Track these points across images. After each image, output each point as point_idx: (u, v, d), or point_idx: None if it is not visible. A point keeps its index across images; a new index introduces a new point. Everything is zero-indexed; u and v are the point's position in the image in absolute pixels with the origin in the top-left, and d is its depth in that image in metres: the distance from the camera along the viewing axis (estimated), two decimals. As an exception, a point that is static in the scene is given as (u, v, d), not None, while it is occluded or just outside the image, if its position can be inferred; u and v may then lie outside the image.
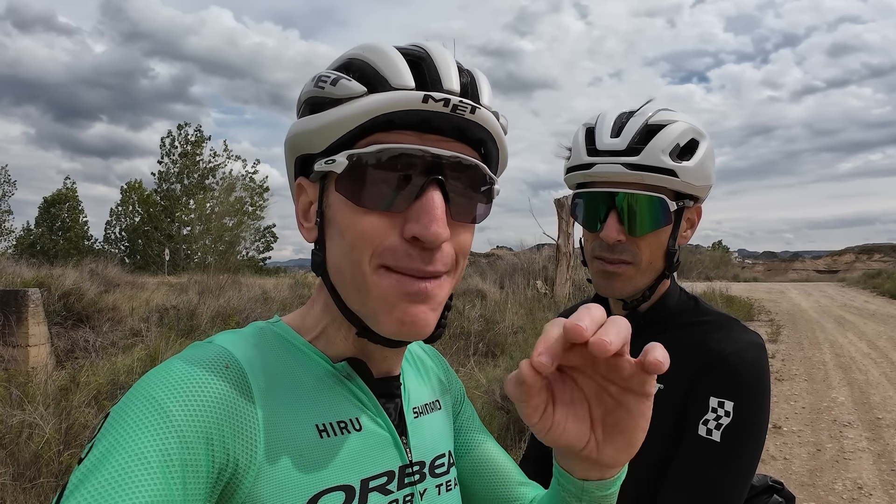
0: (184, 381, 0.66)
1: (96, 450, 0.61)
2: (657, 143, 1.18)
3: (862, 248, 70.17)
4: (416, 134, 0.71)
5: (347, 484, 0.74)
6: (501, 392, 6.09)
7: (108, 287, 11.68)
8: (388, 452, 0.81)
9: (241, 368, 0.72)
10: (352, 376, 0.81)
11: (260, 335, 0.80)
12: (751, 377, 1.13)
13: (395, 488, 0.80)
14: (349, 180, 0.72)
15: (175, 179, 38.72)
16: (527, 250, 17.72)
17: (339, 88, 0.72)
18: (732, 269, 54.33)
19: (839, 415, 7.42)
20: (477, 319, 10.40)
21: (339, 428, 0.76)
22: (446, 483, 0.90)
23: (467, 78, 0.74)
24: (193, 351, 0.73)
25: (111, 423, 0.64)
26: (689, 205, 1.25)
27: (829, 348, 12.38)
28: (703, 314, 1.27)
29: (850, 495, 4.97)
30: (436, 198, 0.70)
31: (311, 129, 0.74)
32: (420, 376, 0.97)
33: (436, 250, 0.72)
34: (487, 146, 0.77)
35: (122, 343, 8.07)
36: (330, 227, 0.76)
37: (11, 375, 5.63)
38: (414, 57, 0.73)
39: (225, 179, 38.10)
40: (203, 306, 9.59)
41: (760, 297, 25.19)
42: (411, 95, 0.69)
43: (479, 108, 0.72)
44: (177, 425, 0.63)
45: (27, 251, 27.86)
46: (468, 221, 0.76)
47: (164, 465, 0.60)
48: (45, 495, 4.07)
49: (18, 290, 7.61)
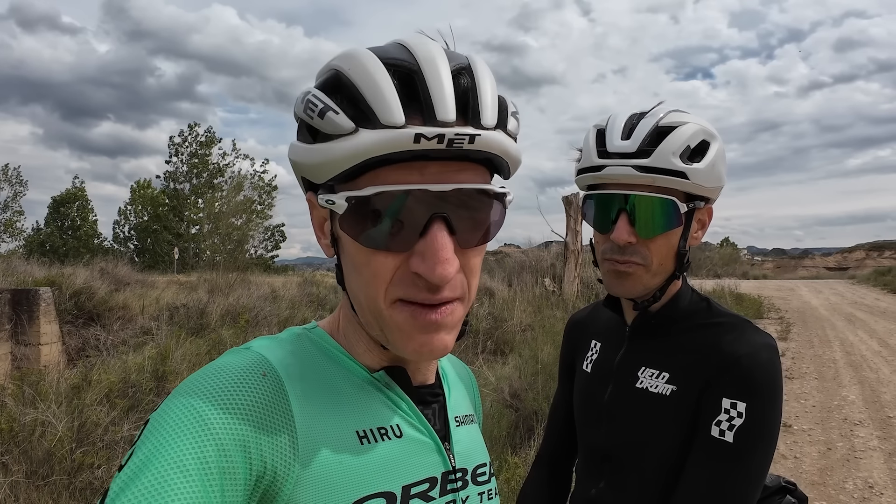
0: (221, 389, 0.67)
1: (136, 457, 0.62)
2: (668, 145, 1.18)
3: (872, 245, 69.56)
4: (415, 167, 0.68)
5: (388, 490, 0.73)
6: (510, 390, 6.12)
7: (118, 286, 11.72)
8: (431, 458, 0.81)
9: (277, 375, 0.72)
10: (391, 385, 0.81)
11: (297, 342, 0.81)
12: (764, 379, 1.13)
13: (437, 495, 0.80)
14: (352, 221, 0.70)
15: (184, 179, 38.89)
16: (535, 248, 17.74)
17: (326, 123, 0.68)
18: (742, 267, 54.06)
19: (850, 413, 7.39)
20: (485, 317, 10.42)
21: (379, 434, 0.76)
22: (488, 491, 0.89)
23: (466, 84, 0.69)
24: (230, 357, 0.73)
25: (150, 431, 0.64)
26: (699, 206, 1.25)
27: (839, 346, 12.33)
28: (716, 315, 1.27)
29: (860, 494, 4.95)
30: (439, 238, 0.68)
31: (306, 163, 0.72)
32: (459, 390, 0.97)
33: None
34: (496, 161, 0.72)
35: (133, 341, 8.12)
36: (344, 255, 0.76)
37: (24, 374, 5.69)
38: (403, 70, 0.68)
39: (234, 178, 38.23)
40: (213, 305, 9.63)
41: (770, 295, 25.08)
42: (402, 136, 0.64)
43: (479, 135, 0.67)
44: (214, 433, 0.63)
45: (37, 250, 28.02)
46: (479, 244, 0.74)
47: (202, 473, 0.61)
48: (58, 493, 4.11)
49: (30, 290, 7.66)
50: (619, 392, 1.30)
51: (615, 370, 1.33)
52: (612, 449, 1.29)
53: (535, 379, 6.31)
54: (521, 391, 6.02)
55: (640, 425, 1.24)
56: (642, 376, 1.26)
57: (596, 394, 1.36)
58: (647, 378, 1.25)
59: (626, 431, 1.27)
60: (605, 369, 1.36)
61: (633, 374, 1.28)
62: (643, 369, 1.27)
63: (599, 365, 1.39)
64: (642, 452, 1.23)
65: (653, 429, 1.22)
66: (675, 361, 1.23)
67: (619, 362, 1.33)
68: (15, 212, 37.07)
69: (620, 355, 1.34)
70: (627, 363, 1.31)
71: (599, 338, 1.43)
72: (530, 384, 6.16)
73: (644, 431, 1.23)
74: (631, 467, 1.25)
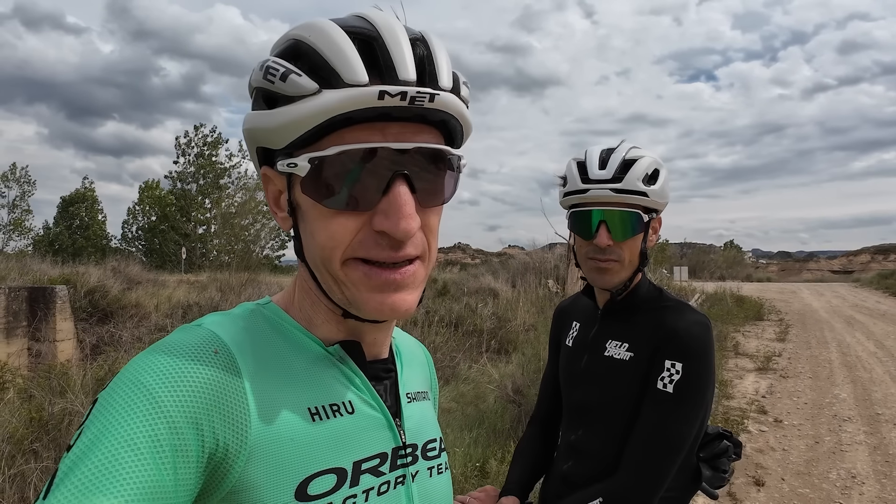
0: (172, 367, 0.66)
1: (85, 436, 0.61)
2: (634, 172, 1.55)
3: (878, 249, 69.43)
4: (377, 127, 0.69)
5: (339, 466, 0.75)
6: (513, 386, 6.37)
7: (130, 284, 11.88)
8: (382, 434, 0.82)
9: (230, 352, 0.71)
10: (344, 359, 0.82)
11: (250, 318, 0.80)
12: (696, 345, 1.48)
13: (388, 470, 0.81)
14: (313, 183, 0.70)
15: (191, 179, 39.23)
16: (538, 249, 17.90)
17: (289, 85, 0.69)
18: (745, 269, 54.10)
19: (840, 410, 7.64)
20: (489, 317, 10.62)
21: (331, 411, 0.77)
22: (437, 466, 0.91)
23: (422, 52, 0.71)
24: (181, 335, 0.72)
25: (99, 410, 0.63)
26: (654, 217, 1.62)
27: (836, 347, 12.57)
28: (665, 301, 1.62)
29: (843, 483, 5.21)
30: (403, 193, 0.69)
31: (266, 127, 0.72)
32: (413, 367, 0.99)
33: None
34: (450, 124, 0.75)
35: (148, 338, 8.31)
36: (302, 222, 0.76)
37: (50, 367, 5.95)
38: (363, 37, 0.70)
39: (241, 179, 38.56)
40: (225, 304, 9.87)
41: (772, 297, 25.27)
42: (366, 93, 0.66)
43: (439, 95, 0.70)
44: (166, 411, 0.62)
45: (47, 249, 28.33)
46: (437, 205, 0.77)
47: (154, 451, 0.60)
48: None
49: (46, 287, 7.86)
50: (592, 360, 1.65)
51: (589, 343, 1.68)
52: (587, 404, 1.63)
53: (537, 376, 6.50)
54: (524, 387, 6.29)
55: (608, 385, 1.59)
56: (609, 347, 1.61)
57: (575, 362, 1.71)
58: (613, 348, 1.60)
59: (597, 390, 1.61)
60: (582, 343, 1.71)
61: (603, 346, 1.63)
62: (610, 341, 1.62)
63: (578, 340, 1.74)
64: (609, 405, 1.57)
65: (616, 387, 1.56)
66: (633, 334, 1.58)
67: (593, 337, 1.68)
68: (23, 211, 37.39)
69: (593, 332, 1.69)
70: (598, 337, 1.66)
71: (579, 319, 1.79)
72: (532, 381, 6.40)
73: (610, 389, 1.58)
74: (601, 417, 1.59)
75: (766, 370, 10.34)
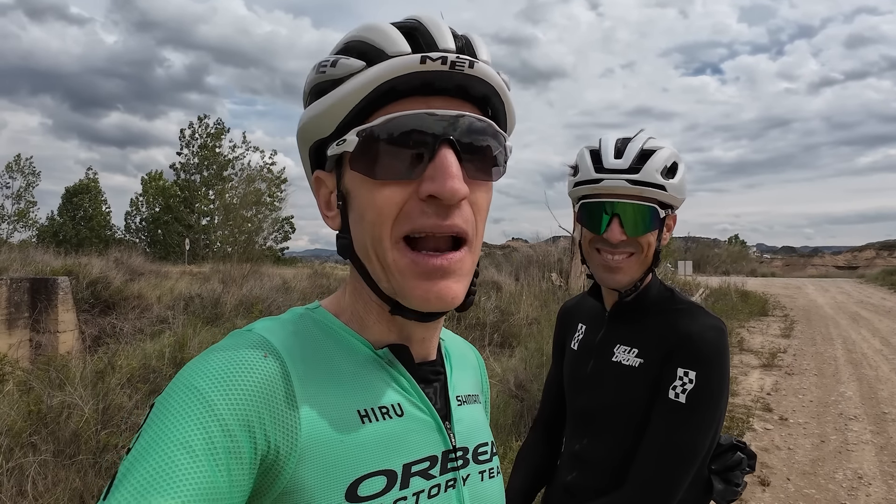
0: (224, 371, 0.68)
1: (142, 440, 0.63)
2: (652, 163, 1.45)
3: (883, 244, 69.07)
4: (420, 99, 0.73)
5: (389, 468, 0.75)
6: (516, 381, 6.31)
7: (132, 276, 11.89)
8: (431, 437, 0.82)
9: (280, 356, 0.73)
10: (393, 362, 0.82)
11: (299, 322, 0.82)
12: (710, 352, 1.38)
13: (438, 473, 0.81)
14: (362, 156, 0.73)
15: (195, 170, 39.21)
16: (542, 242, 17.87)
17: (338, 68, 0.74)
18: (750, 264, 53.93)
19: (846, 408, 7.56)
20: (492, 310, 10.57)
21: (380, 413, 0.77)
22: (489, 470, 0.91)
23: (462, 41, 0.75)
24: (233, 339, 0.75)
25: (156, 414, 0.66)
26: (669, 213, 1.51)
27: (841, 344, 12.48)
28: (677, 303, 1.52)
29: (849, 484, 5.14)
30: (448, 156, 0.71)
31: (318, 112, 0.76)
32: (463, 370, 0.99)
33: (453, 207, 0.73)
34: (493, 102, 0.78)
35: (150, 330, 8.32)
36: (352, 210, 0.78)
37: (49, 359, 5.92)
38: (408, 28, 0.74)
39: (244, 170, 38.51)
40: (227, 295, 9.86)
41: (776, 293, 25.17)
42: (408, 59, 0.70)
43: (478, 62, 0.73)
44: (219, 414, 0.64)
45: (51, 240, 28.34)
46: (484, 179, 0.78)
47: (208, 453, 0.62)
48: (84, 471, 4.28)
49: (48, 278, 7.85)
50: (598, 365, 1.56)
51: (596, 347, 1.59)
52: (592, 411, 1.55)
53: (540, 371, 6.49)
54: (527, 382, 6.23)
55: (615, 392, 1.50)
56: (617, 352, 1.52)
57: (580, 367, 1.62)
58: (621, 353, 1.51)
59: (604, 397, 1.52)
60: (588, 347, 1.62)
61: (610, 350, 1.54)
62: (618, 346, 1.53)
63: (584, 343, 1.65)
64: (616, 413, 1.49)
65: (624, 395, 1.47)
66: (643, 339, 1.49)
67: (600, 341, 1.59)
68: (28, 202, 37.41)
69: (600, 335, 1.60)
70: (606, 341, 1.57)
71: (585, 321, 1.69)
72: (535, 375, 6.36)
73: (617, 397, 1.49)
74: (607, 426, 1.51)
75: (772, 367, 10.26)
